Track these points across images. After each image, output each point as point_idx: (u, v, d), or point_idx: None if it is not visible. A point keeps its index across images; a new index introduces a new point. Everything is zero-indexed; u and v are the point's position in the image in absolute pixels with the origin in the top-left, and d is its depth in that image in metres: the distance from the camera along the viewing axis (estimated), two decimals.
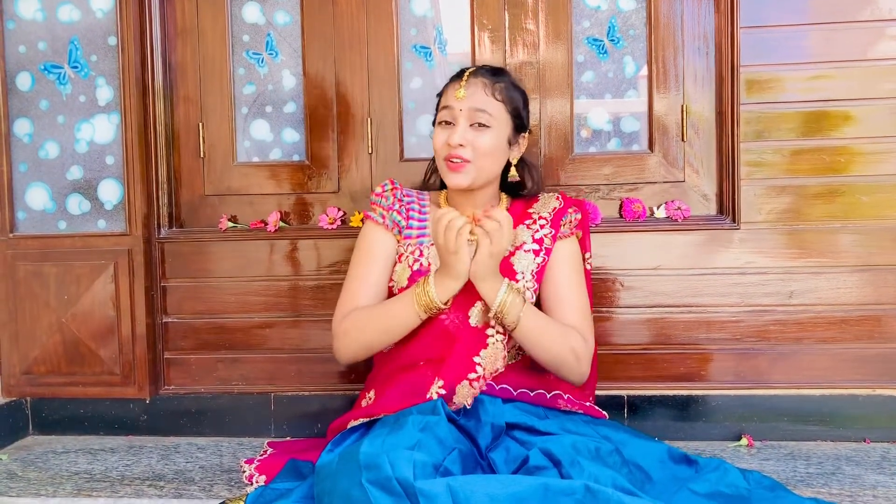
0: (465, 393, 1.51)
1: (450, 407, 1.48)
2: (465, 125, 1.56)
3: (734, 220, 1.90)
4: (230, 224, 2.05)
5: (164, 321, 2.04)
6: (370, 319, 1.57)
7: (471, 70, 1.61)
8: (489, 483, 1.12)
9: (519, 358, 1.62)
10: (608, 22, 1.99)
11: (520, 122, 1.64)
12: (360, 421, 1.52)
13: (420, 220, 1.67)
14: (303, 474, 1.47)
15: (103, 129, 2.01)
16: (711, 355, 1.92)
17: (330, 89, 2.03)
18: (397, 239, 1.65)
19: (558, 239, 1.64)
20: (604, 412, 1.64)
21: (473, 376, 1.52)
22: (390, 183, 1.70)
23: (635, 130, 2.01)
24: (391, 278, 1.64)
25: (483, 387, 1.53)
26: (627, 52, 1.99)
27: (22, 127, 2.02)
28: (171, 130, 2.07)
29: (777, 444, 1.87)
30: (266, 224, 2.03)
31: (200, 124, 2.06)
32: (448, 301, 1.50)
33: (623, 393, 1.93)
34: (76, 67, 2.00)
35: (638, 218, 1.94)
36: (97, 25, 1.99)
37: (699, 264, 1.92)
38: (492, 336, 1.56)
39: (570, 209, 1.68)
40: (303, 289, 2.00)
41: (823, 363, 1.90)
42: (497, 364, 1.55)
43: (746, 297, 1.91)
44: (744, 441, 1.87)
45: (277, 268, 2.01)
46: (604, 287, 1.93)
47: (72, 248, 2.00)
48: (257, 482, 1.56)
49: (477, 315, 1.55)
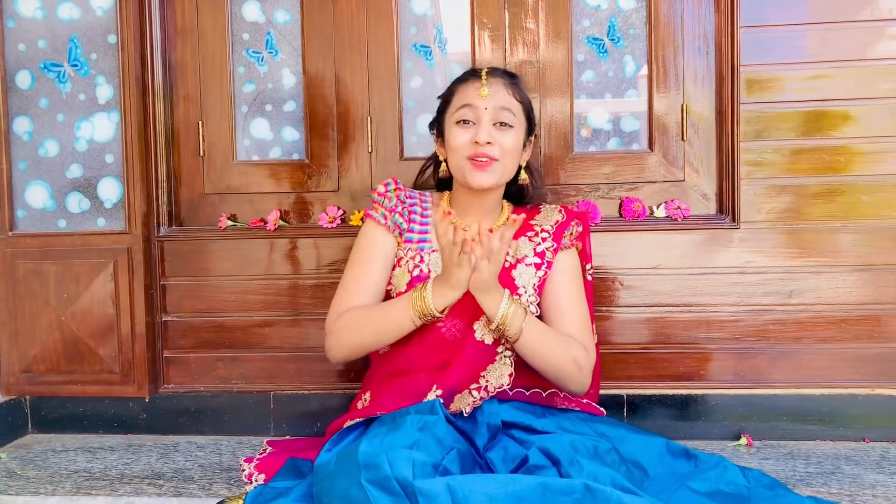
0: (465, 402, 1.49)
1: (446, 409, 1.48)
2: (489, 123, 1.55)
3: (734, 220, 1.90)
4: (230, 223, 2.05)
5: (164, 320, 2.04)
6: (365, 320, 1.56)
7: (487, 70, 1.60)
8: (488, 482, 1.12)
9: (516, 357, 1.61)
10: (608, 21, 1.99)
11: (531, 125, 1.65)
12: (358, 419, 1.52)
13: (422, 224, 1.66)
14: (302, 473, 1.47)
15: (103, 128, 2.01)
16: (711, 355, 1.92)
17: (330, 88, 2.03)
18: (398, 241, 1.64)
19: (559, 251, 1.64)
20: (601, 409, 1.64)
21: (475, 387, 1.51)
22: (393, 182, 1.69)
23: (635, 130, 2.01)
24: (389, 282, 1.64)
25: (483, 397, 1.50)
26: (627, 52, 1.99)
27: (21, 125, 2.02)
28: (171, 129, 2.07)
29: (776, 444, 1.87)
30: (266, 223, 2.03)
31: (200, 123, 2.06)
32: (445, 310, 1.49)
33: (623, 392, 1.93)
34: (76, 66, 2.00)
35: (638, 217, 1.94)
36: (97, 24, 1.99)
37: (699, 264, 1.92)
38: (501, 353, 1.55)
39: (573, 222, 1.67)
40: (302, 287, 2.00)
41: (823, 363, 1.90)
42: (502, 380, 1.53)
43: (746, 297, 1.91)
44: (743, 440, 1.87)
45: (277, 266, 2.01)
46: (603, 286, 1.93)
47: (71, 247, 2.00)
48: (256, 481, 1.56)
49: (483, 329, 1.54)
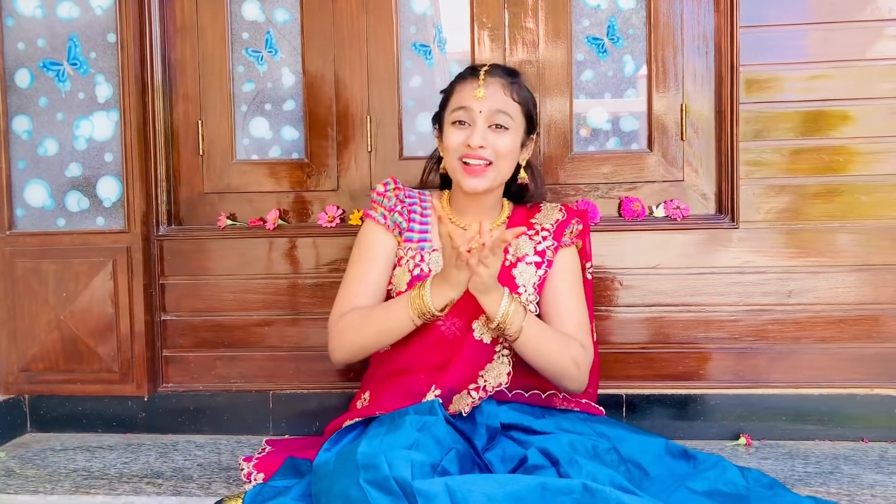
0: (464, 402, 1.49)
1: (445, 410, 1.48)
2: (484, 126, 1.54)
3: (733, 220, 1.90)
4: (229, 222, 2.05)
5: (163, 319, 2.04)
6: (366, 320, 1.56)
7: (486, 68, 1.58)
8: (487, 482, 1.12)
9: (515, 358, 1.61)
10: (608, 21, 1.99)
11: (531, 124, 1.64)
12: (357, 419, 1.52)
13: (422, 224, 1.66)
14: (301, 472, 1.47)
15: (102, 127, 2.00)
16: (710, 354, 1.93)
17: (329, 87, 2.03)
18: (398, 241, 1.64)
19: (559, 249, 1.64)
20: (600, 408, 1.64)
21: (474, 386, 1.51)
22: (393, 182, 1.68)
23: (634, 129, 2.01)
24: (390, 281, 1.64)
25: (482, 397, 1.50)
26: (627, 52, 1.99)
27: (21, 124, 2.02)
28: (171, 128, 2.07)
29: (775, 444, 1.87)
30: (265, 222, 2.03)
31: (200, 122, 2.06)
32: (444, 309, 1.48)
33: (622, 392, 1.93)
34: (75, 64, 2.00)
35: (637, 217, 1.94)
36: (96, 22, 1.99)
37: (698, 263, 1.92)
38: (499, 352, 1.55)
39: (573, 220, 1.67)
40: (301, 287, 2.00)
41: (822, 363, 1.90)
42: (501, 379, 1.53)
43: (745, 297, 1.91)
44: (742, 440, 1.88)
45: (276, 266, 2.00)
46: (603, 286, 1.93)
47: (70, 246, 2.00)
48: (255, 480, 1.56)
49: (482, 328, 1.54)
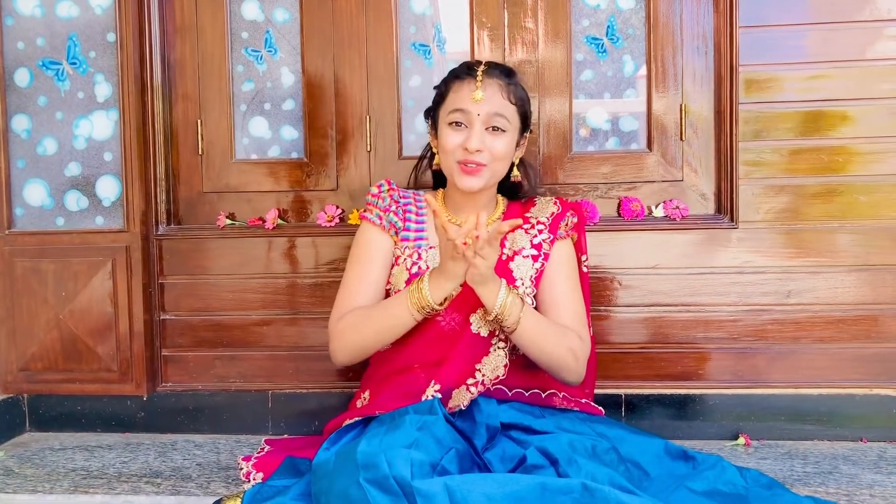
0: (462, 397, 1.51)
1: (445, 408, 1.48)
2: (481, 128, 1.54)
3: (732, 220, 1.90)
4: (228, 221, 2.05)
5: (162, 318, 2.04)
6: (365, 320, 1.56)
7: (482, 68, 1.57)
8: (486, 482, 1.12)
9: (514, 357, 1.61)
10: (607, 21, 1.99)
11: (526, 123, 1.64)
12: (357, 419, 1.52)
13: (418, 223, 1.66)
14: (300, 471, 1.47)
15: (102, 126, 2.00)
16: (709, 354, 1.93)
17: (329, 87, 2.03)
18: (394, 240, 1.64)
19: (555, 242, 1.64)
20: (600, 409, 1.64)
21: (472, 381, 1.52)
22: (387, 183, 1.69)
23: (634, 129, 2.01)
24: (388, 281, 1.64)
25: (480, 391, 1.53)
26: (626, 52, 1.99)
27: (20, 123, 2.02)
28: (170, 127, 2.07)
29: (774, 444, 1.87)
30: (264, 221, 2.03)
31: (199, 121, 2.06)
32: (444, 302, 1.49)
33: (621, 392, 1.93)
34: (75, 64, 2.00)
35: (636, 217, 1.94)
36: (96, 22, 1.99)
37: (697, 263, 1.92)
38: (495, 344, 1.56)
39: (568, 213, 1.67)
40: (301, 286, 2.00)
41: (821, 363, 1.90)
42: (498, 371, 1.55)
43: (744, 297, 1.91)
44: (741, 440, 1.88)
45: (275, 265, 2.00)
46: (602, 286, 1.93)
47: (70, 245, 2.00)
48: (255, 479, 1.56)
49: (479, 321, 1.54)
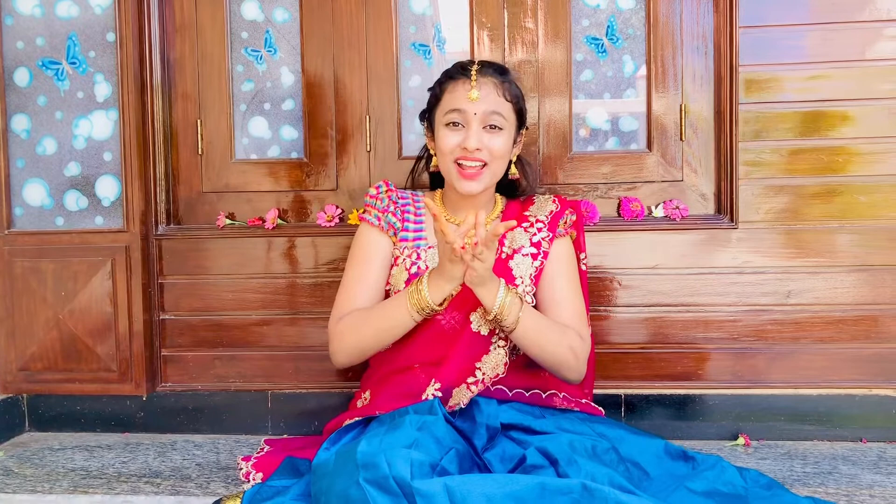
0: (462, 395, 1.52)
1: (445, 408, 1.48)
2: (478, 128, 1.54)
3: (732, 220, 1.90)
4: (228, 221, 2.05)
5: (162, 318, 2.04)
6: (364, 321, 1.56)
7: (476, 67, 1.58)
8: (486, 482, 1.12)
9: (514, 357, 1.61)
10: (607, 21, 1.99)
11: (522, 120, 1.65)
12: (357, 419, 1.52)
13: (416, 223, 1.66)
14: (300, 472, 1.47)
15: (101, 126, 2.00)
16: (709, 354, 1.93)
17: (329, 87, 2.03)
18: (393, 241, 1.65)
19: (555, 239, 1.64)
20: (600, 409, 1.64)
21: (472, 380, 1.52)
22: (385, 185, 1.70)
23: (634, 130, 2.01)
24: (388, 281, 1.64)
25: (480, 389, 1.54)
26: (626, 52, 1.99)
27: (19, 123, 2.02)
28: (170, 127, 2.07)
29: (774, 444, 1.87)
30: (264, 221, 2.03)
31: (199, 121, 2.06)
32: (443, 302, 1.49)
33: (620, 392, 1.93)
34: (74, 63, 1.99)
35: (636, 217, 1.94)
36: (95, 21, 1.99)
37: (697, 264, 1.92)
38: (495, 343, 1.56)
39: (567, 211, 1.68)
40: (300, 286, 2.00)
41: (820, 363, 1.90)
42: (498, 369, 1.55)
43: (744, 297, 1.91)
44: (741, 440, 1.88)
45: (275, 265, 2.00)
46: (602, 286, 1.93)
47: (69, 245, 2.00)
48: (254, 479, 1.56)
49: (479, 320, 1.55)
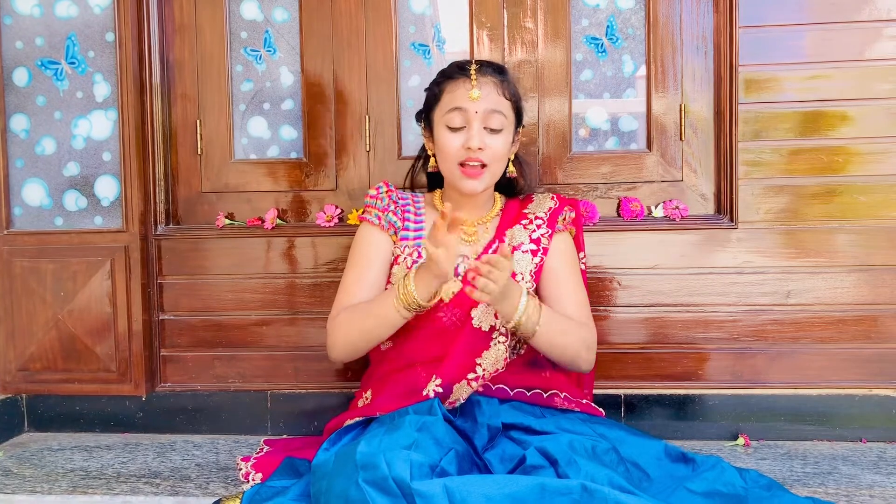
0: (463, 391, 1.53)
1: (445, 404, 1.49)
2: (480, 127, 1.54)
3: (732, 220, 1.90)
4: (227, 221, 2.04)
5: (161, 318, 2.04)
6: (354, 318, 1.56)
7: (475, 67, 1.58)
8: (485, 483, 1.12)
9: (515, 356, 1.62)
10: (607, 21, 1.99)
11: (520, 118, 1.65)
12: (357, 419, 1.52)
13: (416, 222, 1.66)
14: (299, 472, 1.47)
15: (100, 126, 2.00)
16: (709, 355, 1.92)
17: (328, 87, 2.02)
18: (394, 240, 1.65)
19: (554, 235, 1.65)
20: (601, 410, 1.64)
21: (472, 376, 1.53)
22: (384, 185, 1.70)
23: (633, 129, 2.01)
24: (389, 280, 1.64)
25: (481, 386, 1.54)
26: (626, 52, 1.99)
27: (18, 123, 2.02)
28: (169, 127, 2.07)
29: (774, 444, 1.87)
30: (263, 221, 2.02)
31: (198, 121, 2.06)
32: (431, 300, 1.48)
33: (620, 392, 1.93)
34: (73, 63, 1.99)
35: (636, 217, 1.94)
36: (95, 21, 1.99)
37: (697, 264, 1.92)
38: (496, 338, 1.56)
39: (566, 208, 1.69)
40: (300, 286, 2.00)
41: (820, 363, 1.90)
42: (498, 365, 1.56)
43: (744, 297, 1.91)
44: (741, 440, 1.88)
45: (274, 265, 2.00)
46: (601, 286, 1.92)
47: (68, 245, 2.00)
48: (254, 480, 1.56)
49: (480, 317, 1.55)
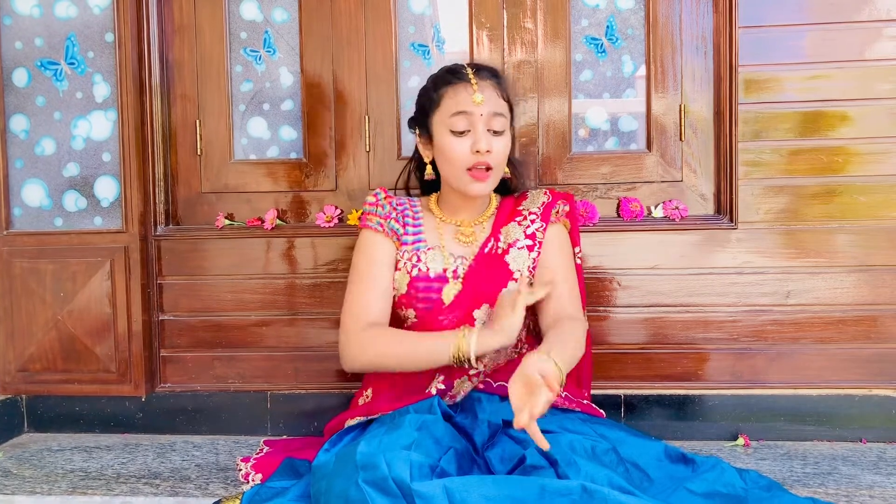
0: (464, 386, 1.55)
1: (446, 399, 1.51)
2: (484, 130, 1.54)
3: (732, 220, 1.90)
4: (227, 222, 2.04)
5: (161, 319, 2.04)
6: (395, 346, 1.52)
7: (472, 71, 1.57)
8: (485, 484, 1.12)
9: (516, 356, 1.62)
10: (606, 21, 1.99)
11: (513, 118, 1.67)
12: (357, 420, 1.52)
13: (415, 227, 1.67)
14: (299, 473, 1.47)
15: (100, 126, 2.00)
16: (708, 355, 1.92)
17: (328, 87, 2.02)
18: (396, 246, 1.64)
19: (548, 227, 1.65)
20: (601, 411, 1.64)
21: (473, 372, 1.54)
22: (382, 192, 1.70)
23: (633, 130, 2.01)
24: (392, 286, 1.64)
25: (481, 382, 1.56)
26: (626, 52, 1.99)
27: (18, 123, 2.02)
28: (168, 127, 2.07)
29: (774, 444, 1.87)
30: (263, 222, 2.02)
31: (198, 121, 2.06)
32: (477, 360, 1.44)
33: (620, 392, 1.93)
34: (73, 64, 1.99)
35: (635, 217, 1.94)
36: (94, 22, 1.99)
37: (696, 264, 1.92)
38: None
39: (559, 202, 1.69)
40: (300, 287, 2.00)
41: (820, 363, 1.90)
42: (498, 360, 1.57)
43: (743, 297, 1.91)
44: (740, 441, 1.88)
45: (274, 266, 2.00)
46: (601, 286, 1.93)
47: (68, 246, 2.00)
48: (253, 480, 1.56)
49: (483, 317, 1.55)
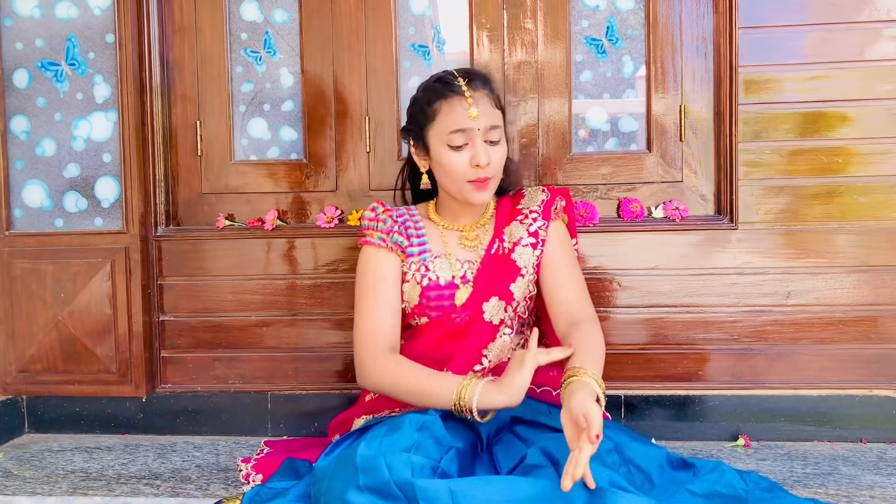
0: None
1: None
2: (482, 142, 1.53)
3: (732, 221, 1.90)
4: (227, 222, 2.05)
5: (161, 319, 2.04)
6: (408, 378, 1.48)
7: (464, 83, 1.54)
8: (489, 486, 1.12)
9: (515, 334, 1.63)
10: (607, 22, 1.99)
11: (506, 122, 1.65)
12: (364, 420, 1.54)
13: (419, 237, 1.65)
14: (300, 473, 1.47)
15: (100, 127, 2.00)
16: (709, 355, 1.93)
17: (328, 88, 2.03)
18: (401, 259, 1.62)
19: (550, 224, 1.65)
20: (606, 413, 1.64)
21: (479, 368, 1.55)
22: (380, 206, 1.67)
23: (633, 130, 2.01)
24: (402, 298, 1.62)
25: (490, 379, 1.53)
26: (626, 52, 1.99)
27: (19, 124, 2.02)
28: (169, 128, 2.07)
29: (774, 445, 1.87)
30: (263, 222, 2.02)
31: (198, 122, 2.06)
32: (485, 416, 1.40)
33: (620, 393, 1.93)
34: (73, 65, 1.99)
35: (636, 218, 1.94)
36: (95, 23, 1.99)
37: (697, 264, 1.92)
38: (502, 330, 1.58)
39: (557, 198, 1.69)
40: (300, 287, 2.00)
41: (820, 363, 1.90)
42: (503, 356, 1.58)
43: (744, 298, 1.91)
44: (741, 441, 1.88)
45: (274, 266, 2.00)
46: (601, 287, 1.93)
47: (68, 246, 2.00)
48: (254, 481, 1.56)
49: (492, 311, 1.56)
